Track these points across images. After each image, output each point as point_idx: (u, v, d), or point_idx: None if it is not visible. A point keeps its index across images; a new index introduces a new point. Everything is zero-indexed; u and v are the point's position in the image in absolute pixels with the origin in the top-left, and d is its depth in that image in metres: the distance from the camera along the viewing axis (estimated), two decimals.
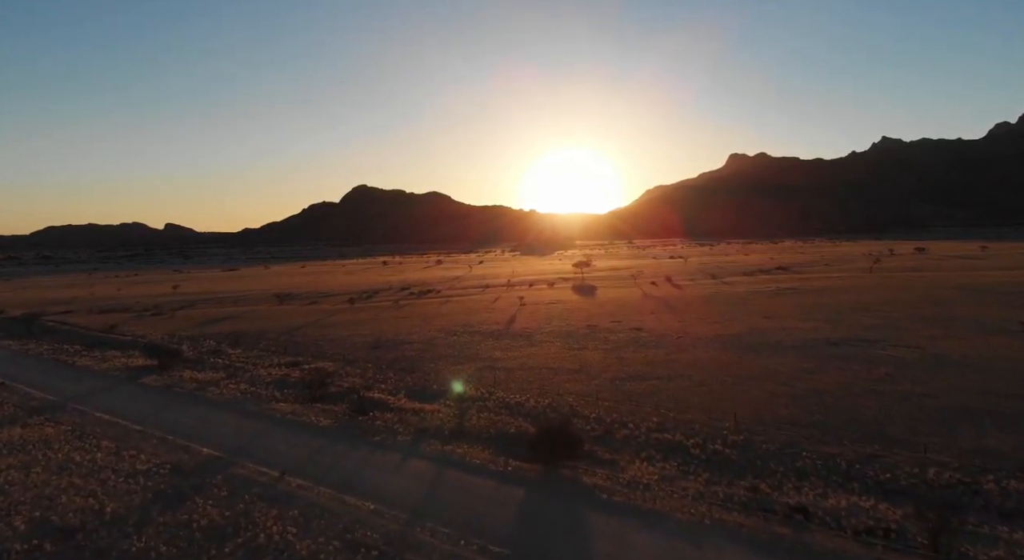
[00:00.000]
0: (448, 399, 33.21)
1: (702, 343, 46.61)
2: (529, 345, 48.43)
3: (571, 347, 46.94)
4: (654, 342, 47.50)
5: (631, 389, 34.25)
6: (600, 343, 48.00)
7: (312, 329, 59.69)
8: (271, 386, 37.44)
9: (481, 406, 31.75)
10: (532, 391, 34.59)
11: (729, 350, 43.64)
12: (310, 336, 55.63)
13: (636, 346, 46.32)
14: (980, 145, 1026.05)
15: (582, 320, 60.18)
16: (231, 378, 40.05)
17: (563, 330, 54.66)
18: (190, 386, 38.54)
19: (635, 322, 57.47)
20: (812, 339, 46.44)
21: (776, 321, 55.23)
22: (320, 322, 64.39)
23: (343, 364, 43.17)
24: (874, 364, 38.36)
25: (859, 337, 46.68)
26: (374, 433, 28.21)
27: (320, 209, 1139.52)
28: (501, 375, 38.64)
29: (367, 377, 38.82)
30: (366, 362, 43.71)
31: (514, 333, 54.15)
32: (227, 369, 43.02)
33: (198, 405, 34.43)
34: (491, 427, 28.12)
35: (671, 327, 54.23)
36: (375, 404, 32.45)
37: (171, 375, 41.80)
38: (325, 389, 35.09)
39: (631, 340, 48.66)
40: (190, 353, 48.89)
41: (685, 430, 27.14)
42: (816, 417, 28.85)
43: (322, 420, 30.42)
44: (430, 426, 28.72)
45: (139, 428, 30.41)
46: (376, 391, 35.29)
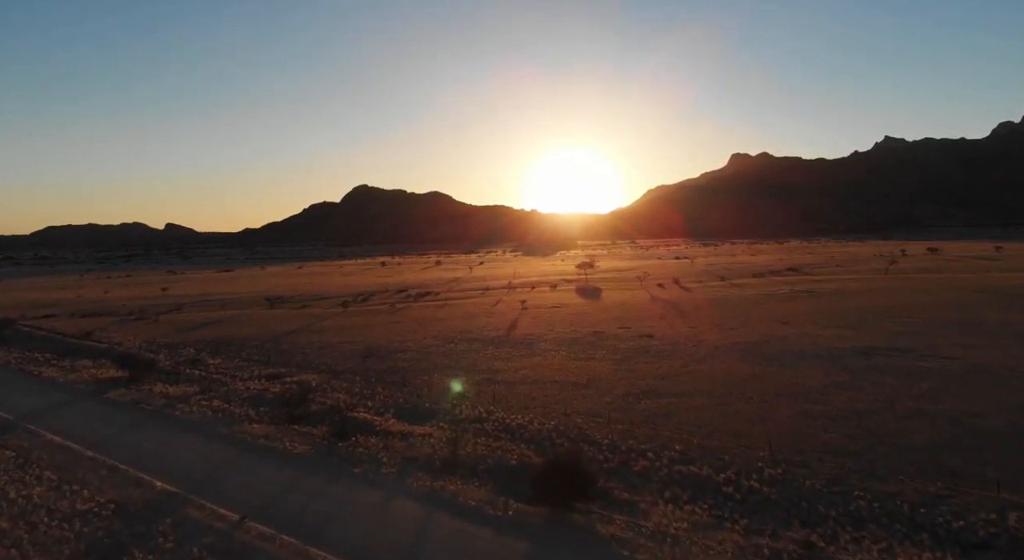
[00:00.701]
0: (441, 420, 29.75)
1: (719, 352, 43.04)
2: (532, 354, 44.88)
3: (577, 357, 43.40)
4: (667, 351, 43.95)
5: (646, 408, 30.72)
6: (608, 352, 44.45)
7: (300, 335, 56.18)
8: (247, 403, 33.90)
9: (478, 429, 28.20)
10: (536, 410, 31.06)
11: (749, 360, 40.08)
12: (297, 343, 52.12)
13: (647, 356, 42.78)
14: (983, 145, 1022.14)
15: (588, 326, 56.65)
16: (205, 393, 36.53)
17: (568, 337, 51.13)
18: (159, 402, 35.03)
19: (644, 328, 53.92)
20: (837, 348, 42.86)
21: (795, 327, 51.65)
22: (310, 328, 60.87)
23: (329, 376, 39.65)
24: (912, 377, 34.82)
25: (889, 346, 43.11)
26: (355, 463, 24.65)
27: (321, 209, 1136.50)
28: (501, 390, 35.13)
29: (353, 393, 35.29)
30: (354, 374, 40.18)
31: (515, 340, 50.62)
32: (202, 382, 39.48)
33: (163, 426, 30.91)
34: (489, 456, 24.57)
35: (683, 334, 50.68)
36: (359, 426, 28.92)
37: (141, 389, 38.28)
38: (305, 408, 31.56)
39: (641, 349, 45.11)
40: (166, 363, 45.38)
41: (713, 461, 23.60)
42: (861, 444, 25.32)
43: (297, 446, 26.86)
44: (419, 454, 25.16)
45: (91, 455, 26.87)
46: (362, 409, 31.77)
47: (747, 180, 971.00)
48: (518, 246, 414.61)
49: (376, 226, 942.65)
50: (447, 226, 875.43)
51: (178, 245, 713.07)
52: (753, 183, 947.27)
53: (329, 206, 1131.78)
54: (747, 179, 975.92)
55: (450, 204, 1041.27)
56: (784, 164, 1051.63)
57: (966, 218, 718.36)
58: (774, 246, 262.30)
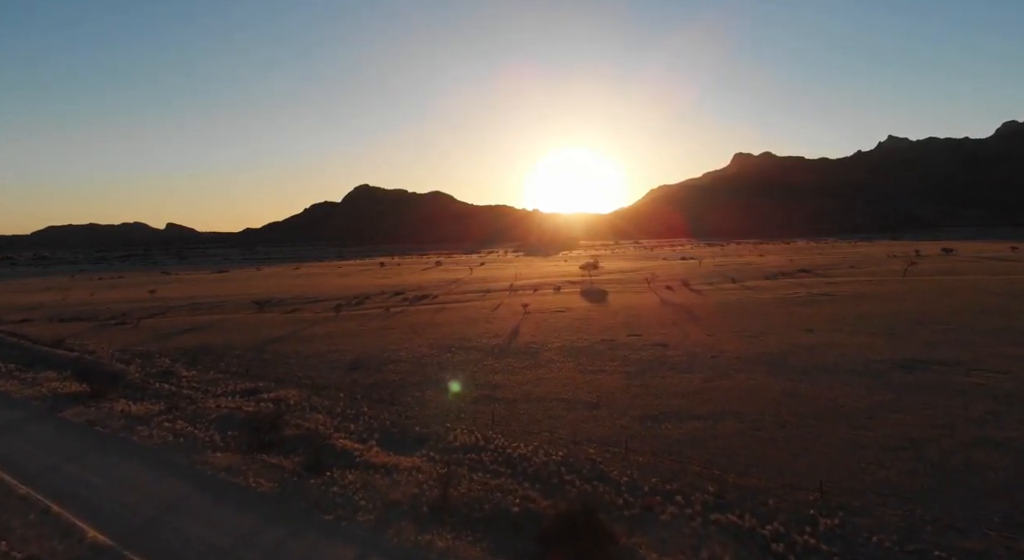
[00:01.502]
0: (433, 448, 25.90)
1: (742, 364, 39.14)
2: (535, 366, 41.02)
3: (585, 369, 39.52)
4: (685, 363, 40.05)
5: (668, 434, 26.86)
6: (620, 364, 40.56)
7: (286, 343, 52.36)
8: (214, 425, 30.07)
9: (474, 461, 24.37)
10: (541, 436, 27.22)
11: (778, 375, 36.19)
12: (281, 353, 48.27)
13: (664, 368, 38.89)
14: (987, 144, 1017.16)
15: (595, 332, 52.75)
16: (170, 412, 32.71)
17: (574, 345, 47.25)
18: (116, 424, 31.20)
19: (657, 336, 50.02)
20: (872, 360, 38.95)
21: (821, 335, 47.71)
22: (298, 334, 57.06)
23: (310, 392, 35.80)
24: (965, 396, 30.89)
25: (929, 357, 39.16)
26: (327, 507, 20.76)
27: (322, 209, 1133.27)
28: (501, 410, 31.29)
29: (334, 413, 31.44)
30: (339, 389, 36.35)
31: (517, 349, 46.75)
32: (170, 399, 35.64)
33: (115, 453, 27.10)
34: (486, 499, 20.67)
35: (700, 342, 46.75)
36: (337, 456, 25.08)
37: (101, 407, 34.46)
38: (278, 432, 27.77)
39: (656, 360, 41.22)
40: (135, 375, 41.55)
41: (755, 506, 19.70)
42: (927, 482, 21.42)
43: (263, 482, 23.00)
44: (404, 496, 21.28)
45: (24, 491, 23.04)
46: (342, 435, 27.92)
47: (750, 180, 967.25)
48: (520, 246, 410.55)
49: (377, 226, 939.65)
50: (448, 226, 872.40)
51: (178, 245, 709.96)
52: (756, 183, 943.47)
53: (330, 206, 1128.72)
54: (750, 179, 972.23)
55: (452, 204, 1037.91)
56: (787, 164, 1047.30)
57: (971, 218, 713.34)
58: (781, 246, 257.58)
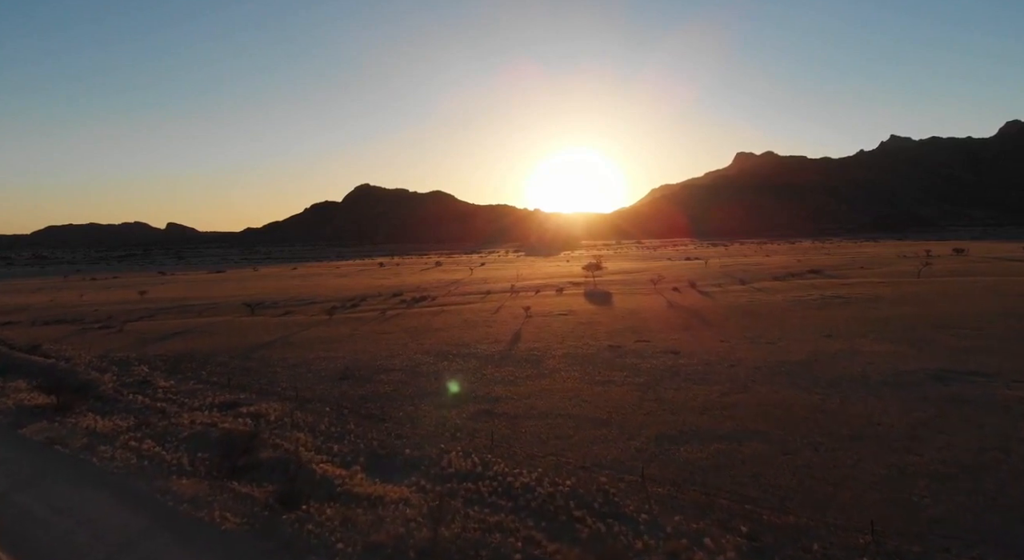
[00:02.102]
0: (424, 475, 23.08)
1: (762, 375, 36.29)
2: (539, 375, 38.20)
3: (593, 379, 36.71)
4: (699, 373, 37.19)
5: (688, 458, 24.02)
6: (629, 373, 37.71)
7: (275, 349, 49.58)
8: (185, 445, 27.29)
9: (470, 491, 21.54)
10: (545, 460, 24.41)
11: (802, 387, 33.34)
12: (268, 360, 45.48)
13: (678, 379, 36.04)
14: (990, 143, 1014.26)
15: (602, 337, 49.93)
16: (139, 429, 29.92)
17: (580, 352, 44.42)
18: (79, 442, 28.42)
19: (667, 342, 47.15)
20: (902, 370, 36.09)
21: (843, 342, 44.84)
22: (287, 339, 54.28)
23: (294, 406, 33.02)
24: (1012, 413, 27.90)
25: (962, 368, 36.27)
26: (299, 550, 17.77)
27: (323, 208, 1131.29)
28: (502, 427, 28.49)
29: (318, 431, 28.60)
30: (325, 402, 33.56)
31: (519, 356, 43.94)
32: (142, 413, 32.87)
33: (71, 478, 24.31)
34: (482, 543, 17.71)
35: (714, 349, 43.89)
36: (317, 485, 22.26)
37: (66, 422, 31.72)
38: (252, 455, 25.03)
39: (669, 369, 38.37)
40: (108, 386, 38.80)
41: (798, 553, 16.88)
42: (993, 521, 18.46)
43: (229, 518, 20.15)
44: (388, 537, 18.38)
45: None
46: (324, 457, 25.11)
47: (752, 179, 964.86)
48: (521, 246, 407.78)
49: (379, 225, 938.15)
50: (450, 226, 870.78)
51: (179, 245, 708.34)
52: (758, 182, 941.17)
53: (331, 206, 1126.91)
54: (752, 178, 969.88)
55: (453, 204, 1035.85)
56: (789, 163, 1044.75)
57: (974, 218, 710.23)
58: (786, 246, 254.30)
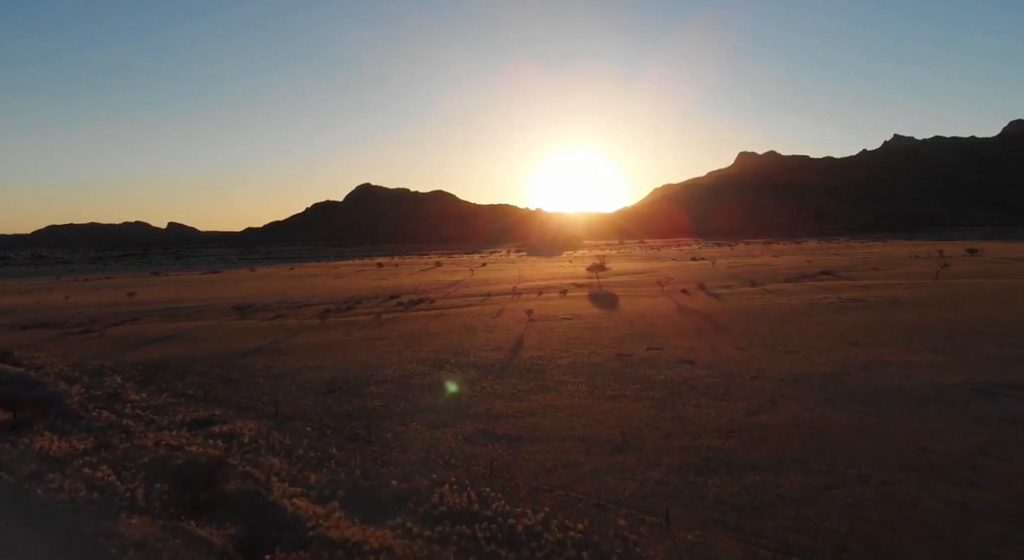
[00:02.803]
0: (411, 515, 19.88)
1: (789, 389, 33.04)
2: (543, 388, 35.00)
3: (602, 393, 33.46)
4: (719, 386, 33.97)
5: (719, 493, 20.73)
6: (642, 386, 34.45)
7: (260, 357, 46.37)
8: (144, 474, 24.10)
9: (465, 536, 18.34)
10: (553, 495, 21.16)
11: (836, 404, 30.06)
12: (252, 369, 42.29)
13: (695, 393, 32.79)
14: (994, 143, 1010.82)
15: (609, 345, 46.66)
16: (97, 452, 26.76)
17: (587, 362, 41.17)
18: (27, 468, 25.24)
19: (681, 349, 43.88)
20: (943, 383, 32.83)
21: (870, 350, 41.53)
22: (275, 346, 51.08)
23: (273, 424, 29.85)
24: None
25: (1008, 381, 32.79)
26: None
27: (324, 208, 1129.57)
28: (502, 452, 25.30)
29: (295, 456, 25.39)
30: (307, 419, 30.40)
31: (521, 366, 40.71)
32: (104, 433, 29.67)
33: (5, 514, 21.11)
34: None
35: (732, 358, 40.63)
36: (285, 527, 19.08)
37: (20, 442, 28.49)
38: (217, 488, 21.90)
39: (684, 381, 35.13)
40: (76, 399, 35.63)
41: None
42: None
43: None
44: None
45: None
46: (299, 489, 21.91)
47: (754, 179, 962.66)
48: (523, 246, 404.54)
49: (380, 225, 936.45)
50: (451, 226, 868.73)
51: (179, 245, 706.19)
52: (760, 182, 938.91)
53: (332, 205, 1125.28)
54: (754, 178, 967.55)
55: (454, 203, 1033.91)
56: (792, 163, 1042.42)
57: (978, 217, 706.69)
58: (792, 246, 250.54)
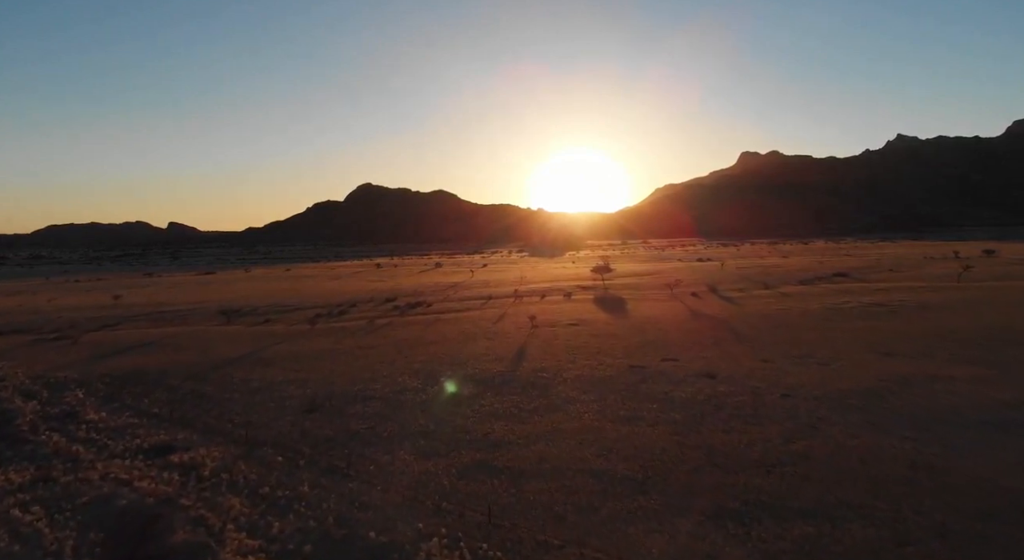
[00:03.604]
0: None
1: (827, 410, 29.14)
2: (548, 407, 31.26)
3: (616, 414, 29.67)
4: (748, 407, 30.15)
5: (767, 551, 16.95)
6: (660, 406, 30.64)
7: (240, 368, 42.72)
8: (78, 517, 20.32)
9: None
10: (565, 554, 17.16)
11: (884, 428, 26.18)
12: (229, 382, 38.65)
13: (721, 414, 28.93)
14: (998, 143, 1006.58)
15: (620, 354, 42.94)
16: (34, 487, 22.93)
17: (596, 374, 37.36)
18: None
19: (698, 360, 40.11)
20: (1000, 401, 28.94)
21: (909, 363, 37.67)
22: (258, 355, 47.43)
23: (241, 451, 26.17)
24: None
25: None
26: None
27: (324, 208, 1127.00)
28: (503, 491, 21.53)
29: (260, 494, 21.59)
30: (281, 445, 26.71)
31: (524, 379, 36.98)
32: (48, 462, 25.84)
33: None
34: None
35: (757, 371, 36.84)
36: None
37: None
38: (160, 540, 18.28)
39: (708, 400, 31.29)
40: (28, 418, 31.94)
41: None
42: None
43: None
44: None
45: None
46: (257, 541, 18.27)
47: (756, 179, 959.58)
48: (524, 246, 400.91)
49: (381, 225, 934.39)
50: (452, 225, 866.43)
51: (179, 245, 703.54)
52: (763, 182, 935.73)
53: (333, 205, 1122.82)
54: (756, 178, 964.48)
55: (456, 203, 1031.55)
56: (794, 163, 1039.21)
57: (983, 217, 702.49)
58: (799, 247, 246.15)
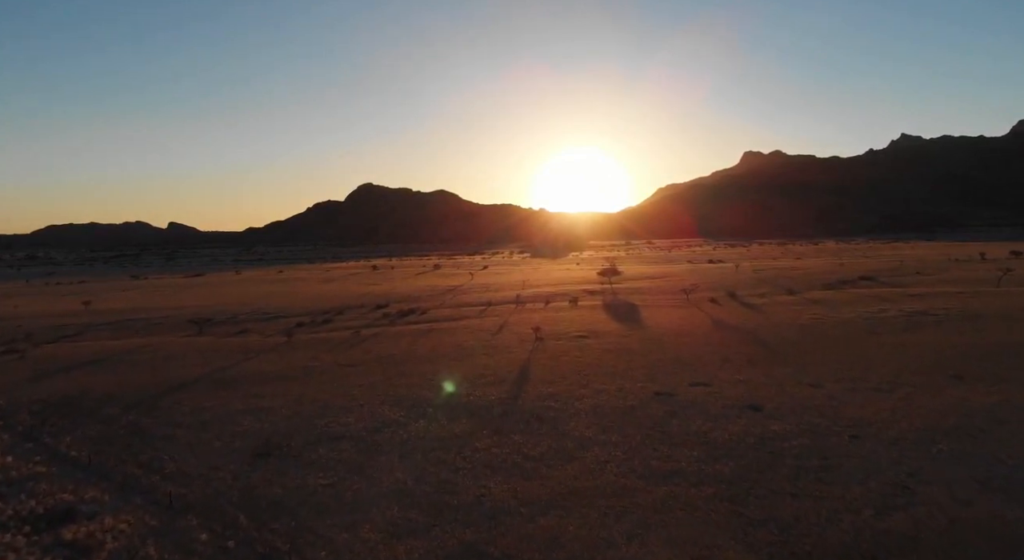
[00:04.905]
0: None
1: (913, 457, 22.49)
2: (559, 454, 24.41)
3: (647, 466, 22.78)
4: (812, 453, 23.30)
5: None
6: (701, 452, 23.79)
7: (194, 392, 36.52)
8: None
9: None
10: None
11: (1007, 493, 19.52)
12: (177, 411, 32.49)
13: (782, 467, 22.15)
14: (1003, 142, 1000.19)
15: (640, 376, 36.61)
16: None
17: (615, 405, 30.59)
18: None
19: (735, 385, 33.69)
20: None
21: (988, 389, 31.20)
22: (219, 375, 41.20)
23: (160, 521, 20.05)
24: None
25: None
26: None
27: (325, 208, 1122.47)
28: None
29: None
30: (214, 511, 20.54)
31: (528, 410, 30.45)
32: None
33: None
34: None
35: (807, 401, 30.39)
36: None
37: None
38: None
39: (759, 444, 24.37)
40: None
41: None
42: None
43: None
44: None
45: None
46: None
47: (760, 179, 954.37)
48: (526, 247, 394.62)
49: (382, 225, 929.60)
50: (453, 225, 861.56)
51: (179, 245, 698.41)
52: (766, 182, 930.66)
53: (334, 205, 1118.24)
54: (760, 178, 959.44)
55: (457, 203, 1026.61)
56: (798, 162, 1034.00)
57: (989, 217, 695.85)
58: (811, 247, 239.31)
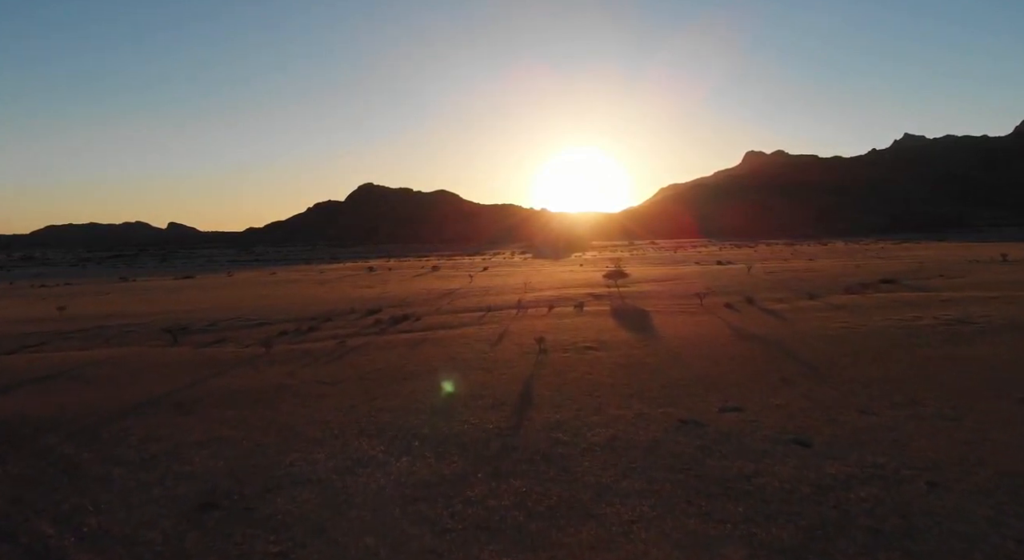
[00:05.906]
0: None
1: (1012, 515, 17.64)
2: (573, 511, 17.03)
3: (684, 531, 14.51)
4: (886, 510, 17.80)
5: None
6: (748, 508, 16.37)
7: (147, 417, 31.48)
8: None
9: None
10: None
11: None
12: (123, 442, 27.41)
13: (854, 531, 15.04)
14: (1006, 141, 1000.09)
15: (659, 397, 31.29)
16: None
17: (635, 437, 22.98)
18: None
19: (772, 410, 28.34)
20: None
21: None
22: (182, 395, 36.18)
23: None
24: None
25: None
26: None
27: (325, 208, 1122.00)
28: None
29: None
30: None
31: (532, 445, 23.90)
32: None
33: None
34: None
35: (864, 433, 24.82)
36: None
37: None
38: None
39: (818, 494, 17.05)
40: None
41: None
42: None
43: None
44: None
45: None
46: None
47: (762, 178, 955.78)
48: (527, 247, 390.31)
49: (382, 225, 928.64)
50: (454, 225, 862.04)
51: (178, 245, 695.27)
52: (768, 182, 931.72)
53: (334, 205, 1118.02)
54: (762, 177, 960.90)
55: (458, 203, 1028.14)
56: (800, 162, 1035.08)
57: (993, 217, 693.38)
58: (820, 248, 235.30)
